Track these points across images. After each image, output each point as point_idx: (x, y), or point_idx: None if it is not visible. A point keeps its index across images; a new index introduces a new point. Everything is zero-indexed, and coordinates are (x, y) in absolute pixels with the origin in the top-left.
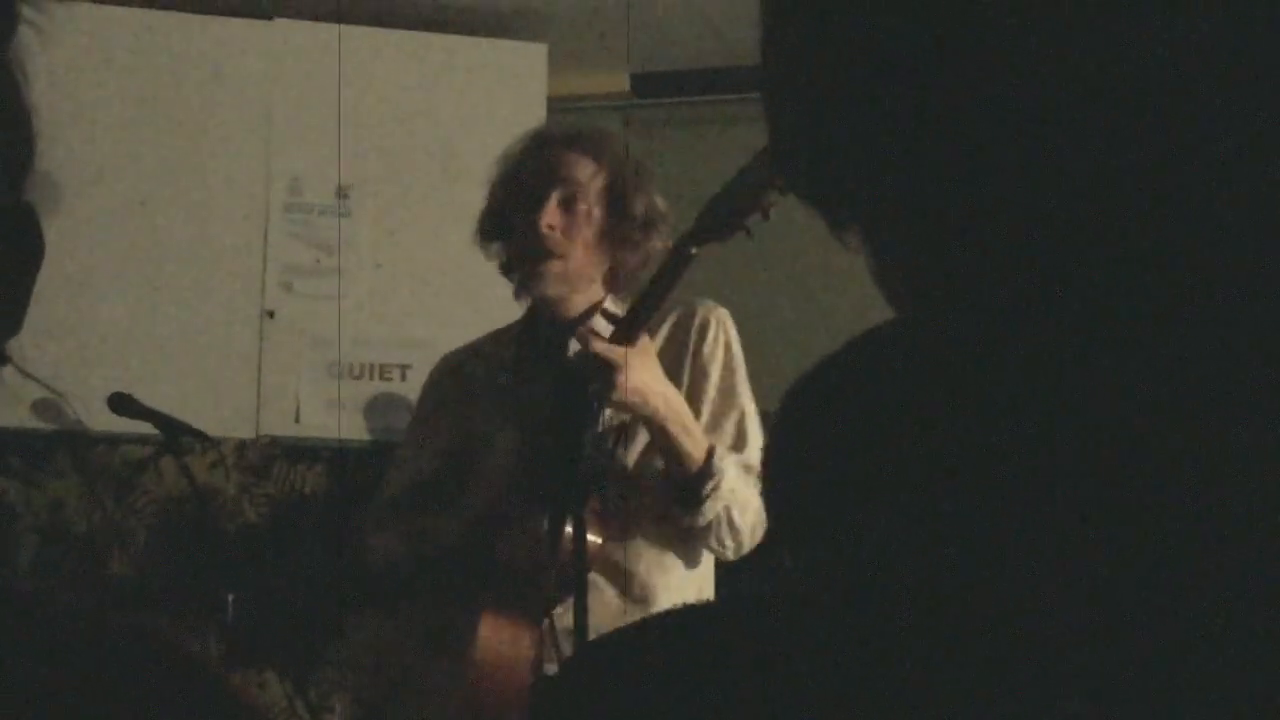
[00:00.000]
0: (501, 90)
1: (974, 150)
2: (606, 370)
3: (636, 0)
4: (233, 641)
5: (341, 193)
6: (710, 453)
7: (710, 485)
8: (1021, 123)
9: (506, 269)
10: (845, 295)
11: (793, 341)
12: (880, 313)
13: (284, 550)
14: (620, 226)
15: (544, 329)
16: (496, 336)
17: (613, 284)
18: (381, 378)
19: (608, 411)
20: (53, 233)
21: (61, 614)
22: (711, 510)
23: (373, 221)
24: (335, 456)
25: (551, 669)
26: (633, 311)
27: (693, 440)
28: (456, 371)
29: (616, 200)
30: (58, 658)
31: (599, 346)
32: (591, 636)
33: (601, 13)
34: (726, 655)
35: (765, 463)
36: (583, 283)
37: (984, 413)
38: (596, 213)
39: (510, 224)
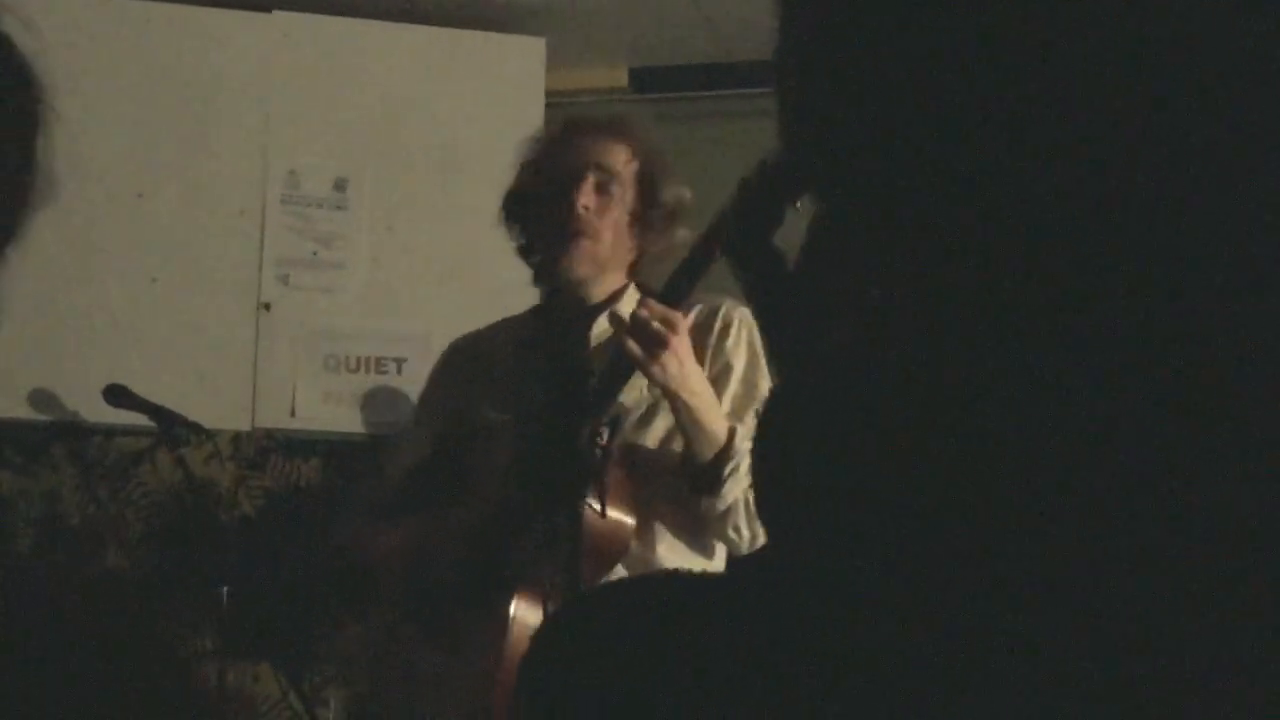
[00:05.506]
0: (500, 84)
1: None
2: (657, 338)
3: None
4: (228, 634)
5: (339, 186)
6: (732, 433)
7: (731, 466)
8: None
9: (526, 251)
10: None
11: None
12: None
13: (279, 543)
14: (650, 213)
15: (564, 313)
16: (511, 323)
17: (635, 272)
18: (378, 371)
19: (643, 389)
20: (48, 224)
21: (57, 605)
22: (731, 494)
23: (370, 215)
24: (331, 449)
25: None
26: (668, 293)
27: (716, 420)
28: (466, 356)
29: (647, 187)
30: (53, 649)
31: (657, 309)
32: None
33: (600, 7)
34: (676, 616)
35: (755, 441)
36: (610, 267)
37: (949, 413)
38: (629, 198)
39: (540, 205)
